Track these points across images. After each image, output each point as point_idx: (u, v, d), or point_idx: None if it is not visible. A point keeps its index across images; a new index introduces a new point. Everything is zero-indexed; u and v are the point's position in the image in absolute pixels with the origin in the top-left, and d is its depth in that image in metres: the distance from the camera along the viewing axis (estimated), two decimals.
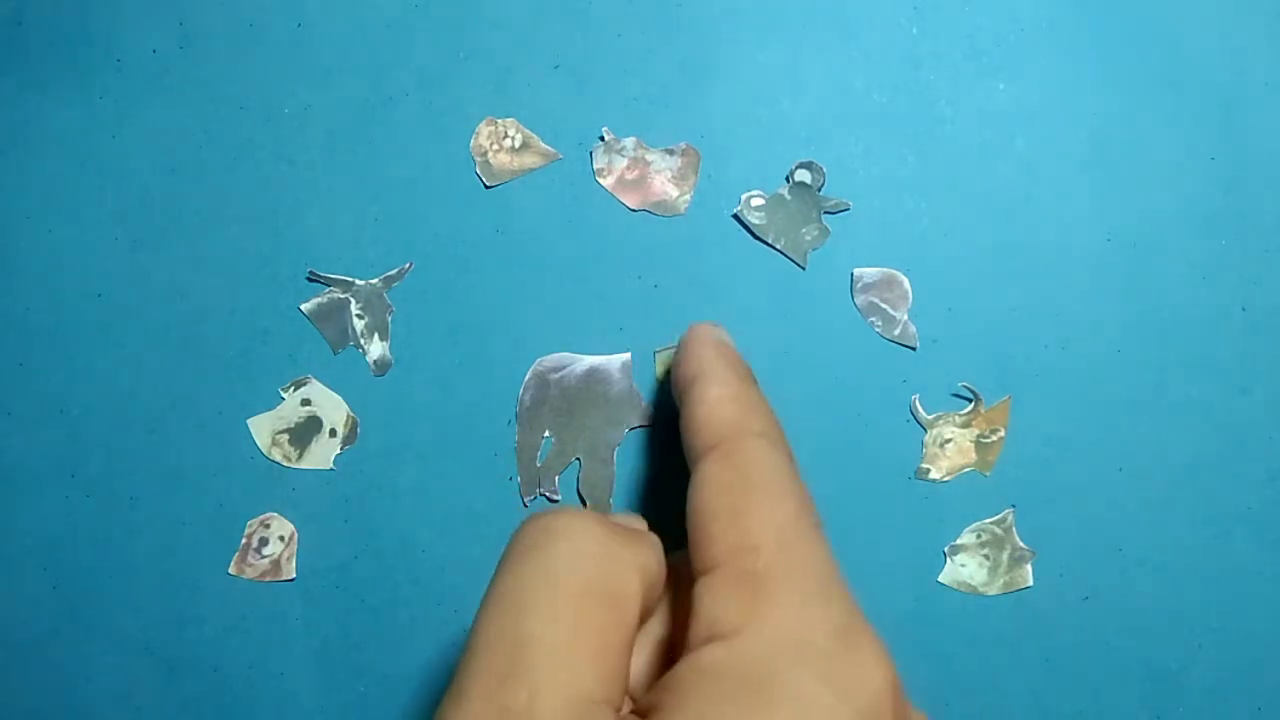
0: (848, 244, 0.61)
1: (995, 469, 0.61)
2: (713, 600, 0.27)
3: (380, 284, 0.62)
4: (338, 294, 0.62)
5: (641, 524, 0.45)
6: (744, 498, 0.30)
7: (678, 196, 0.61)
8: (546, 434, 0.61)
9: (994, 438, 0.61)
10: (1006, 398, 0.61)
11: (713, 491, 0.31)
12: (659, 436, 0.61)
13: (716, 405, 0.37)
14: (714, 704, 0.24)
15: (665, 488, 0.61)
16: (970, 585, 0.61)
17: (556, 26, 0.62)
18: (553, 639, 0.24)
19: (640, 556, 0.29)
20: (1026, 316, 0.61)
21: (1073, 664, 0.61)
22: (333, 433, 0.62)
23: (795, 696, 0.23)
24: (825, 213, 0.61)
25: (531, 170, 0.62)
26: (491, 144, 0.62)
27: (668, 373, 0.59)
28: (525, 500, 0.61)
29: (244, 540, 0.62)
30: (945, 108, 0.62)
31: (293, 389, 0.62)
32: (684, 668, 0.26)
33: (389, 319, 0.62)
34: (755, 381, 0.42)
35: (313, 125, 0.63)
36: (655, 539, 0.35)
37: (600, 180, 0.62)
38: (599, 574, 0.26)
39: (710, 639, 0.26)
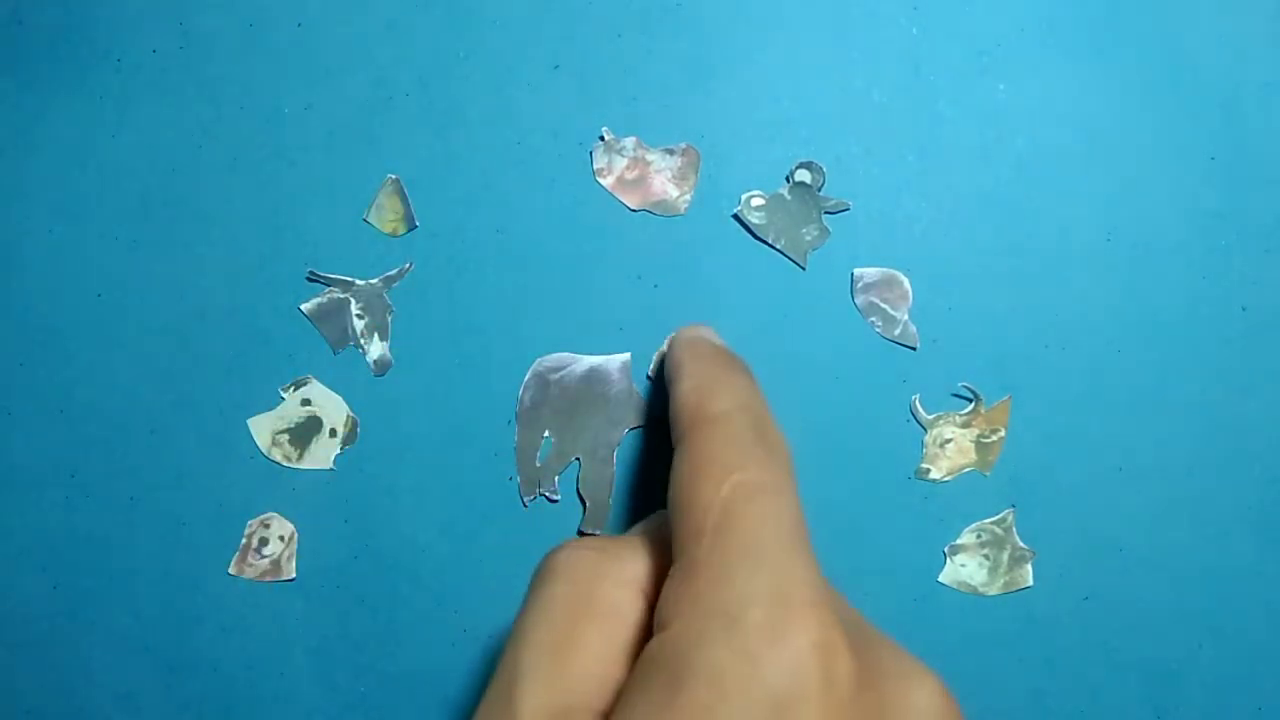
0: (848, 244, 0.61)
1: (995, 469, 0.61)
2: (662, 595, 0.28)
3: (380, 284, 0.62)
4: (338, 294, 0.62)
5: (651, 531, 0.43)
6: (692, 486, 0.30)
7: (678, 196, 0.61)
8: (546, 434, 0.61)
9: (994, 438, 0.61)
10: (1006, 398, 0.61)
11: (673, 487, 0.32)
12: (659, 436, 0.61)
13: (681, 401, 0.38)
14: (640, 694, 0.25)
15: (665, 488, 0.61)
16: (970, 585, 0.61)
17: (556, 26, 0.62)
18: (536, 662, 0.27)
19: (631, 570, 0.31)
20: (1026, 316, 0.61)
21: (1073, 664, 0.61)
22: (333, 433, 0.62)
23: (708, 671, 0.23)
24: (825, 213, 0.61)
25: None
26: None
27: (660, 370, 0.59)
28: (525, 500, 0.61)
29: (244, 540, 0.62)
30: (945, 108, 0.62)
31: (293, 389, 0.62)
32: (635, 667, 0.27)
33: (389, 319, 0.62)
34: (733, 364, 0.42)
35: (313, 125, 0.63)
36: (655, 545, 0.34)
37: (600, 180, 0.62)
38: (586, 596, 0.29)
39: (656, 633, 0.27)
